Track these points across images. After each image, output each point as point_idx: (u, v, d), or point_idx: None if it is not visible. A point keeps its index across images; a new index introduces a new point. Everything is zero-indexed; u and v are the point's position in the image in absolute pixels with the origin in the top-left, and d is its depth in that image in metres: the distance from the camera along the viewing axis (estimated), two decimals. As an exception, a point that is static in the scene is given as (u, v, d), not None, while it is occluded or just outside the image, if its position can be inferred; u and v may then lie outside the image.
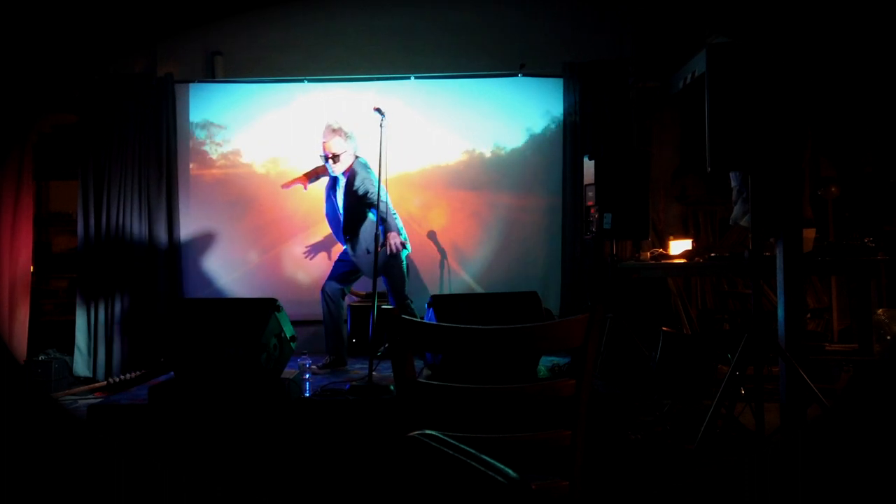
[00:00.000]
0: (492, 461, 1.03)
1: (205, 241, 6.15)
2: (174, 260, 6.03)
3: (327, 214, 5.00)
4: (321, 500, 3.36)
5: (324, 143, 4.76)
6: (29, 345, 5.89)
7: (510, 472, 0.99)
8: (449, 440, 1.13)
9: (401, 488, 1.18)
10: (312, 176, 5.14)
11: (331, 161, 4.74)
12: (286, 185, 5.16)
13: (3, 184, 5.76)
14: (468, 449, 1.08)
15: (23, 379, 5.00)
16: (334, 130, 4.73)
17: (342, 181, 4.83)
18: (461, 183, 6.07)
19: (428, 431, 1.19)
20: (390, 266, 4.81)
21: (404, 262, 4.93)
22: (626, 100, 5.96)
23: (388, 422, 3.57)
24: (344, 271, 4.94)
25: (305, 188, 5.14)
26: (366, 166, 4.81)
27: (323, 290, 4.91)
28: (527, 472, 1.79)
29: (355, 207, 4.79)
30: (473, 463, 1.04)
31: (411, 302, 5.02)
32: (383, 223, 4.54)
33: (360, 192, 4.72)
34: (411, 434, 1.17)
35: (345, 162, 4.76)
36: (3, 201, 5.76)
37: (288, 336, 4.10)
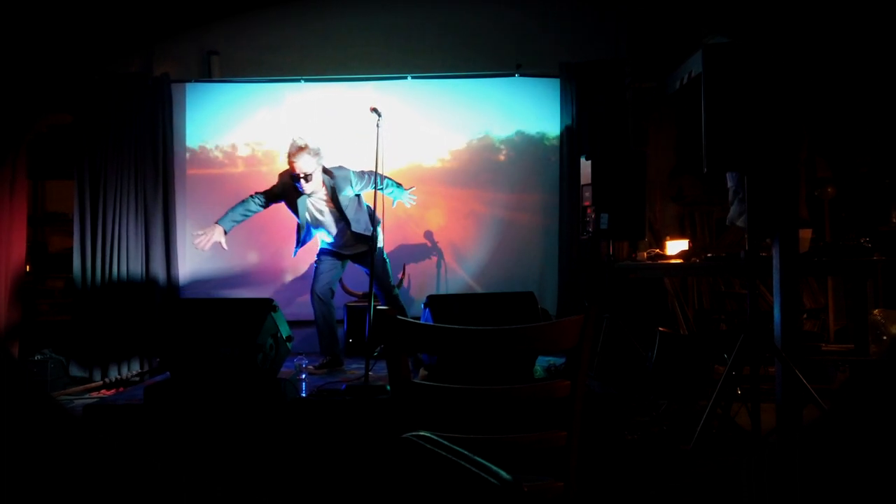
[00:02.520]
0: (485, 462, 1.02)
1: (201, 241, 6.14)
2: (170, 260, 6.02)
3: (308, 229, 4.87)
4: (317, 501, 3.36)
5: (292, 162, 4.58)
6: (25, 345, 5.88)
7: (503, 473, 0.99)
8: (442, 441, 1.13)
9: (394, 490, 1.18)
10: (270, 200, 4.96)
11: (303, 181, 4.62)
12: (201, 243, 4.81)
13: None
14: (461, 450, 1.08)
15: (23, 378, 4.99)
16: (301, 148, 4.56)
17: (321, 194, 4.76)
18: (458, 183, 6.07)
19: (421, 433, 1.19)
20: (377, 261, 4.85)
21: (385, 256, 4.97)
22: (623, 100, 5.96)
23: (384, 422, 3.57)
24: (328, 270, 4.92)
25: (225, 246, 4.89)
26: (341, 167, 4.79)
27: (313, 293, 4.87)
28: (522, 473, 1.79)
29: (361, 208, 4.82)
30: (466, 464, 1.04)
31: (398, 295, 5.10)
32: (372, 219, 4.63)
33: (368, 186, 4.72)
34: (405, 436, 1.17)
35: (316, 179, 4.66)
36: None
37: (284, 336, 4.09)
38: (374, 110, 4.28)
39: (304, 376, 3.98)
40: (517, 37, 6.27)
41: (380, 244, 4.84)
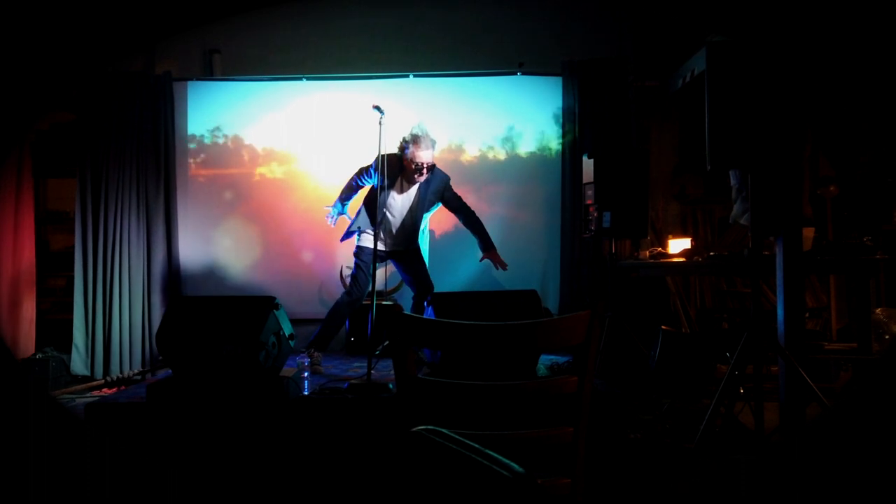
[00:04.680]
0: (497, 456, 1.02)
1: (203, 239, 6.14)
2: (172, 257, 6.01)
3: (384, 217, 4.81)
4: (320, 499, 3.35)
5: (420, 153, 4.61)
6: (27, 343, 5.90)
7: (515, 466, 0.99)
8: (452, 435, 1.13)
9: (405, 484, 1.18)
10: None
11: (425, 171, 4.67)
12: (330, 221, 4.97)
13: (3, 182, 5.76)
14: (472, 444, 1.08)
15: (22, 376, 4.98)
16: (429, 142, 4.64)
17: (414, 189, 4.80)
18: (460, 181, 6.01)
19: (430, 427, 1.18)
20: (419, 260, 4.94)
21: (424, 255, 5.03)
22: (626, 98, 5.95)
23: (387, 420, 3.56)
24: (369, 276, 4.86)
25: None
26: (442, 171, 4.89)
27: (353, 300, 4.82)
28: (527, 469, 1.78)
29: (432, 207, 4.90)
30: (478, 458, 1.03)
31: None
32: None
33: (448, 195, 4.86)
34: (415, 429, 1.16)
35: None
36: (4, 200, 5.76)
37: (286, 334, 4.08)
38: (377, 108, 4.27)
39: (306, 374, 3.97)
40: (519, 35, 6.27)
41: (424, 245, 4.94)
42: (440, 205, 4.93)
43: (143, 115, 5.99)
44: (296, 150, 6.14)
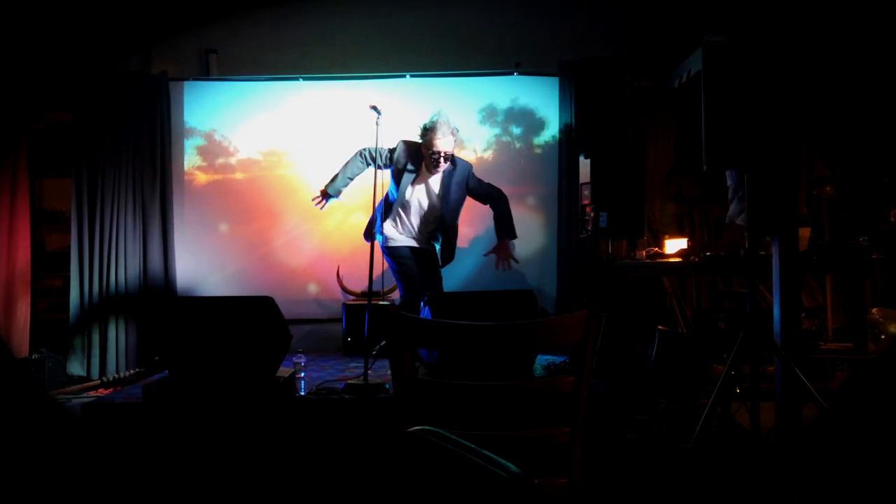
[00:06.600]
0: (493, 456, 1.02)
1: (199, 239, 6.12)
2: (168, 257, 6.00)
3: (404, 206, 4.83)
4: (317, 499, 3.35)
5: (438, 140, 4.60)
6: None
7: (511, 466, 0.99)
8: (448, 435, 1.13)
9: (402, 484, 1.17)
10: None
11: (442, 160, 4.66)
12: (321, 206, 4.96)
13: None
14: (469, 444, 1.07)
15: (21, 376, 4.98)
16: (452, 131, 4.64)
17: (439, 176, 4.78)
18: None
19: (427, 427, 1.18)
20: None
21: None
22: (622, 98, 5.96)
23: (384, 420, 3.56)
24: (417, 272, 4.85)
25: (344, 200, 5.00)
26: (466, 161, 4.90)
27: (412, 301, 4.76)
28: (523, 469, 1.78)
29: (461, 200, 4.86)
30: (474, 458, 1.03)
31: None
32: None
33: (472, 184, 4.83)
34: (411, 430, 1.16)
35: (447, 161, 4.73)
36: (0, 199, 5.75)
37: (283, 334, 4.08)
38: (374, 108, 4.27)
39: (302, 375, 3.96)
40: (516, 35, 6.27)
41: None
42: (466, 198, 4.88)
43: (140, 115, 5.98)
44: (292, 151, 6.13)
